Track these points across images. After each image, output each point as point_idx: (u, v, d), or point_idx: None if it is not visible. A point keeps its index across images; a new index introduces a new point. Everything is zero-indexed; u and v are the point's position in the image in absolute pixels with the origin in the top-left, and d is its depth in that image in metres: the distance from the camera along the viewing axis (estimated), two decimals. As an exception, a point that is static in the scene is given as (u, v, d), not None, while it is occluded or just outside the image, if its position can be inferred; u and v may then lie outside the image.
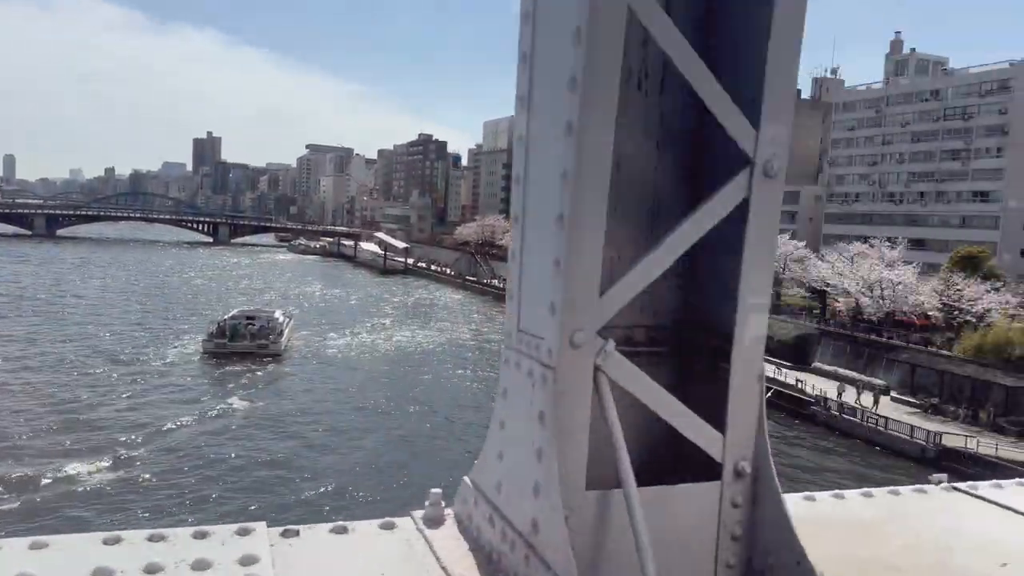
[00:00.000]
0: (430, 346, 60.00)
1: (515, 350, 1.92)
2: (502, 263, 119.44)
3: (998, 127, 77.54)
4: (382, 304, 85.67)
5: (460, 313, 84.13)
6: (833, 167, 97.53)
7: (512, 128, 2.37)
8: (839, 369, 51.42)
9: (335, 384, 45.63)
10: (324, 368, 50.20)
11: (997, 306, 46.85)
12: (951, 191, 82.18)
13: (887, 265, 58.31)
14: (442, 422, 38.90)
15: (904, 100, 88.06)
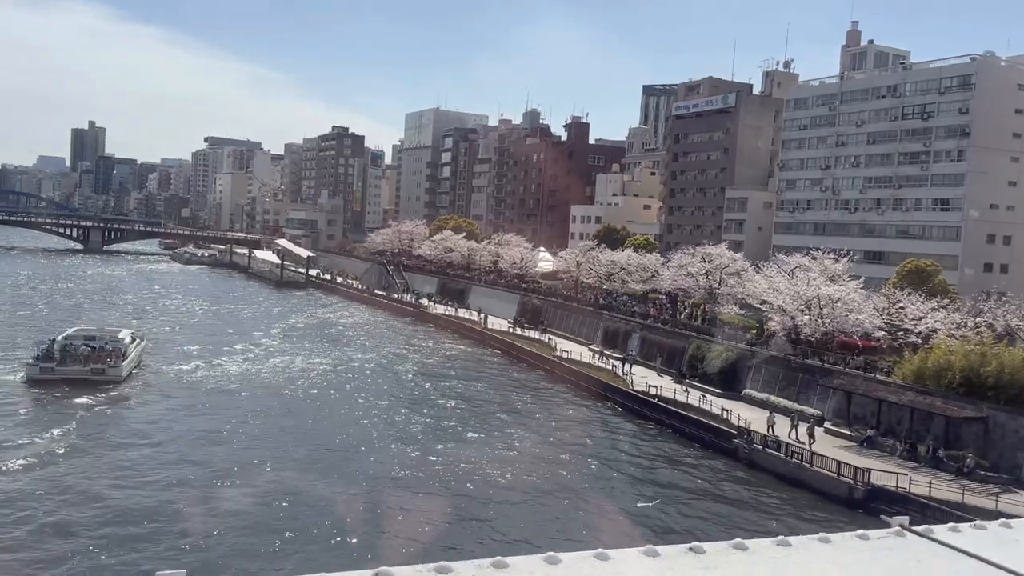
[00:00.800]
0: (314, 375, 58.03)
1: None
2: (419, 275, 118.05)
3: (959, 128, 79.53)
4: (270, 323, 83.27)
5: (362, 334, 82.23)
6: (784, 171, 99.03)
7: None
8: (771, 397, 51.39)
9: (182, 424, 43.16)
10: (174, 401, 47.82)
11: (943, 325, 47.37)
12: (910, 198, 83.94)
13: (830, 279, 58.82)
14: (325, 474, 37.00)
15: (859, 97, 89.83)
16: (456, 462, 39.45)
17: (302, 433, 43.23)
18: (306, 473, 36.30)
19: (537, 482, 37.57)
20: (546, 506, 34.92)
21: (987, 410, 39.38)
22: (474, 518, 32.84)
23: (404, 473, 37.45)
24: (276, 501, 32.24)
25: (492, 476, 37.78)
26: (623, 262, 79.17)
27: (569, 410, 54.28)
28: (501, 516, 33.30)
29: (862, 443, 43.19)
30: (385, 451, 41.00)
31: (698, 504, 36.81)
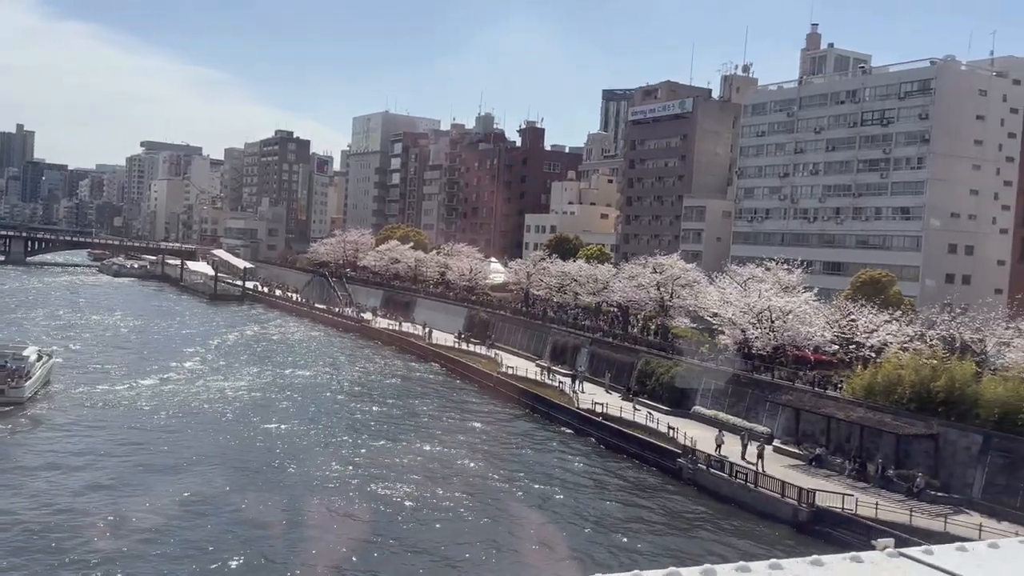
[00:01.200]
0: (237, 397, 56.91)
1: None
2: (363, 288, 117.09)
3: (919, 134, 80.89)
4: (198, 340, 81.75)
5: (297, 351, 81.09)
6: (742, 179, 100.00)
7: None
8: (720, 414, 51.51)
9: (92, 452, 42.04)
10: (78, 424, 46.55)
11: (895, 339, 47.84)
12: (869, 207, 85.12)
13: (784, 290, 59.28)
14: (244, 508, 36.14)
15: (818, 102, 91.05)
16: (382, 483, 38.85)
17: (214, 456, 42.31)
18: (216, 498, 35.50)
19: (466, 504, 37.08)
20: (472, 528, 34.45)
21: (937, 427, 39.76)
22: (397, 540, 32.29)
23: (325, 497, 36.76)
24: (180, 529, 31.45)
25: (419, 498, 37.24)
26: (574, 273, 79.13)
27: (511, 430, 53.92)
28: (422, 538, 32.78)
29: (811, 462, 43.37)
30: (306, 476, 40.26)
31: (637, 527, 36.60)
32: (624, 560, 33.01)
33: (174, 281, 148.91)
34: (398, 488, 38.62)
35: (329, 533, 32.84)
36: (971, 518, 35.77)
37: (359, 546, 31.59)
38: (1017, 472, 36.44)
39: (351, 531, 33.21)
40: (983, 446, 38.00)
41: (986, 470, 37.62)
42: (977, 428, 38.31)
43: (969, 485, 38.10)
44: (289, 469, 41.06)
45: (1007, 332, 44.85)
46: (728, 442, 45.51)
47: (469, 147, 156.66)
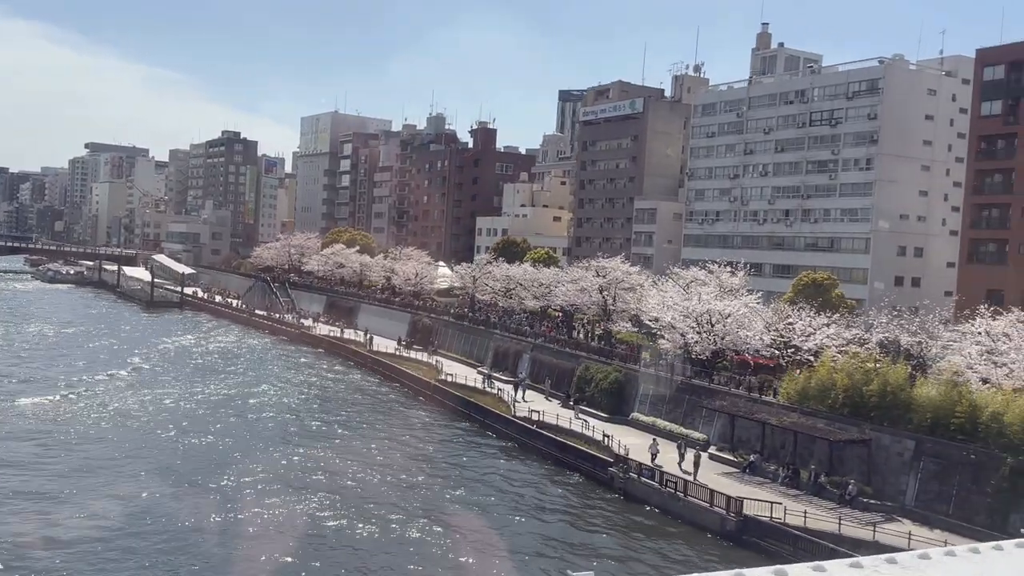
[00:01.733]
0: (154, 410, 55.43)
1: None
2: (307, 293, 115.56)
3: (867, 134, 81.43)
4: (127, 350, 79.82)
5: (229, 360, 79.49)
6: (692, 180, 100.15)
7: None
8: (657, 420, 51.15)
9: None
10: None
11: (833, 342, 47.73)
12: (818, 209, 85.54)
13: (726, 293, 59.13)
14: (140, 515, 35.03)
15: (767, 102, 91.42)
16: (304, 495, 37.89)
17: (119, 474, 41.08)
18: (117, 517, 34.37)
19: (388, 518, 36.21)
20: (392, 542, 33.62)
21: (870, 432, 39.62)
22: (323, 558, 31.38)
23: (244, 512, 35.73)
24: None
25: (342, 512, 36.33)
26: (518, 277, 78.51)
27: (442, 439, 53.11)
28: (347, 554, 31.93)
29: (744, 469, 43.08)
30: (225, 491, 39.16)
31: (559, 539, 35.95)
32: (546, 569, 32.46)
33: (111, 287, 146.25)
34: (320, 500, 37.69)
35: (253, 541, 32.16)
36: (902, 526, 35.58)
37: (283, 554, 30.95)
38: (949, 479, 36.35)
39: (275, 541, 32.53)
40: (915, 452, 37.91)
41: (919, 476, 37.51)
42: (910, 433, 38.20)
43: (902, 492, 37.97)
44: (211, 483, 39.92)
45: (945, 335, 44.90)
46: (665, 449, 45.16)
47: (419, 148, 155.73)
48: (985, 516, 34.58)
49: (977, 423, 35.66)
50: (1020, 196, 69.10)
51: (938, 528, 35.46)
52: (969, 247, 73.03)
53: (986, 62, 72.15)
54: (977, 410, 35.80)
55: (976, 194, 72.60)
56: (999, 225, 71.15)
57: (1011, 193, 69.83)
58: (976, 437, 35.70)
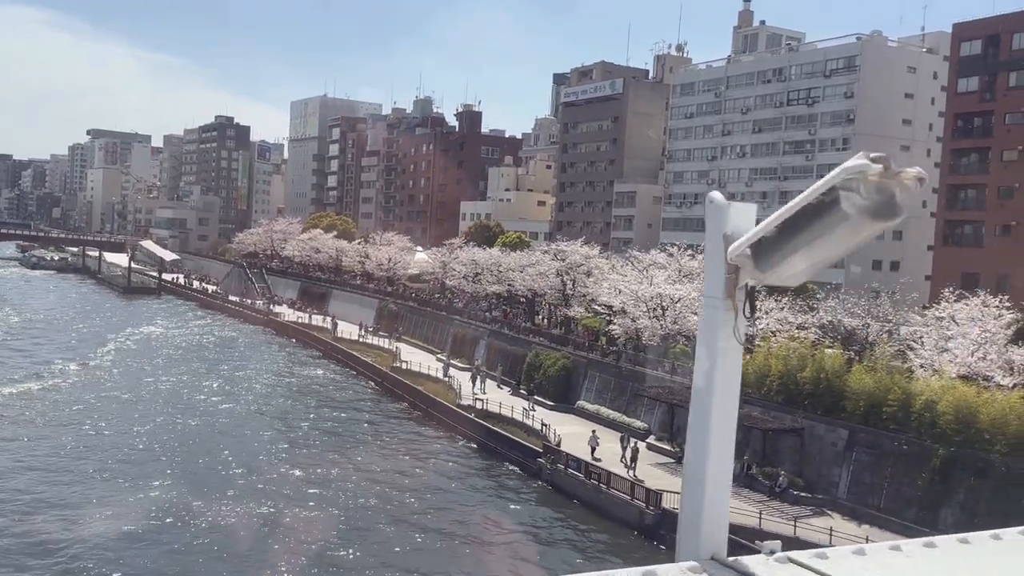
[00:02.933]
0: (92, 403, 54.12)
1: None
2: (281, 279, 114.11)
3: (844, 114, 79.27)
4: (88, 340, 77.86)
5: (192, 349, 77.89)
6: (671, 162, 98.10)
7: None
8: (602, 408, 49.50)
9: None
10: None
11: (783, 327, 45.85)
12: (795, 191, 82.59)
13: (684, 277, 57.38)
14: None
15: (745, 82, 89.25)
16: (226, 484, 36.43)
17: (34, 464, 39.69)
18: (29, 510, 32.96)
19: (281, 510, 34.70)
20: (297, 542, 32.11)
21: (803, 421, 37.85)
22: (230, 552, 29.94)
23: (156, 515, 34.28)
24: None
25: (248, 505, 34.84)
26: (483, 261, 76.72)
27: (386, 429, 51.53)
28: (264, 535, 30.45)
29: (679, 459, 41.32)
30: (147, 491, 37.75)
31: (475, 532, 34.38)
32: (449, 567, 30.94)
33: (93, 273, 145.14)
34: (237, 493, 36.23)
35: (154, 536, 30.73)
36: (829, 520, 33.87)
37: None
38: (882, 470, 34.58)
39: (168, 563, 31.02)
40: (848, 442, 36.13)
41: (851, 468, 35.75)
42: (844, 423, 36.41)
43: (835, 484, 36.21)
44: (101, 498, 38.53)
45: (903, 319, 43.05)
46: (611, 440, 43.50)
47: (406, 132, 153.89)
48: (915, 510, 32.82)
49: (910, 412, 33.85)
50: (997, 176, 66.98)
51: (867, 523, 33.73)
52: (945, 229, 70.92)
53: (963, 37, 69.83)
54: (911, 398, 33.98)
55: (952, 174, 70.40)
56: (975, 206, 69.03)
57: (987, 173, 67.71)
58: (909, 427, 33.90)
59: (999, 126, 66.74)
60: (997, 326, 40.53)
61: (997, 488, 30.45)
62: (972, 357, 37.20)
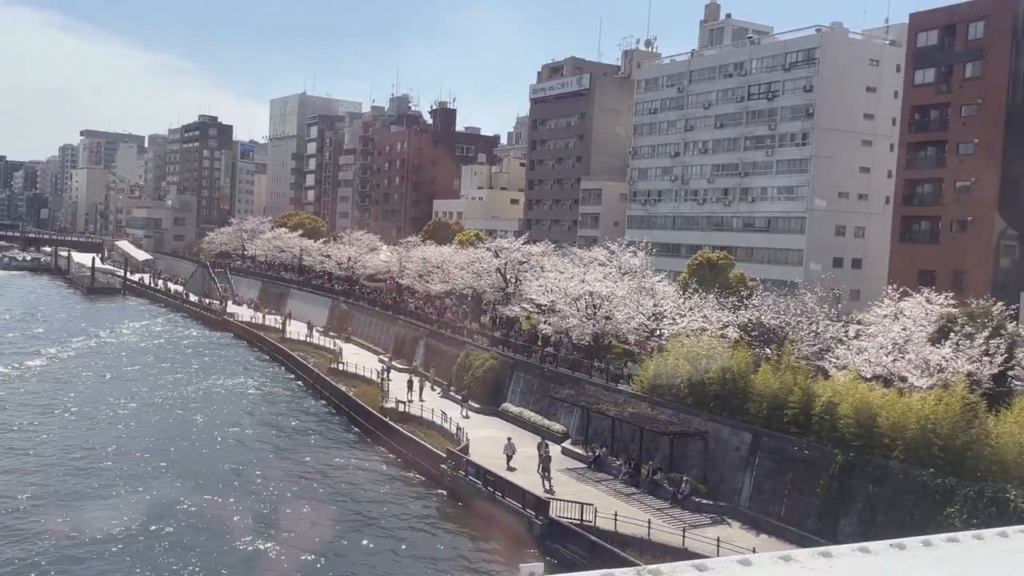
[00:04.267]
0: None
1: None
2: (245, 278, 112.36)
3: (803, 108, 77.36)
4: (31, 343, 75.91)
5: (135, 353, 76.00)
6: (635, 159, 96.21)
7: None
8: (524, 411, 47.67)
9: None
10: None
11: (712, 326, 43.89)
12: (755, 187, 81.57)
13: (624, 275, 55.67)
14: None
15: (707, 76, 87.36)
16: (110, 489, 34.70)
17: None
18: None
19: (196, 523, 32.92)
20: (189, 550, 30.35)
21: (707, 424, 35.96)
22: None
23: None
24: None
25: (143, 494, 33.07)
26: (434, 259, 74.91)
27: (301, 433, 49.72)
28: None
29: (590, 464, 39.55)
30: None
31: (361, 546, 32.57)
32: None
33: (64, 274, 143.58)
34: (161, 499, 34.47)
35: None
36: (726, 530, 32.01)
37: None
38: (783, 477, 32.68)
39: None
40: (752, 446, 34.23)
41: (754, 474, 33.85)
42: (748, 426, 34.51)
43: (738, 491, 34.30)
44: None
45: (817, 317, 41.16)
46: (529, 443, 41.58)
47: (381, 130, 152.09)
48: (815, 520, 30.93)
49: (811, 414, 31.98)
50: (952, 170, 65.02)
51: (767, 532, 31.87)
52: (901, 225, 68.94)
53: (919, 27, 67.93)
54: (812, 400, 32.10)
55: (909, 169, 68.49)
56: (932, 201, 67.06)
57: (944, 167, 65.76)
58: (810, 430, 32.03)
59: (955, 118, 64.79)
60: (920, 324, 38.73)
61: (894, 497, 28.57)
62: (887, 357, 35.29)
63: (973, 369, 34.21)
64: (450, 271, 67.39)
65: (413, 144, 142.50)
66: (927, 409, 28.43)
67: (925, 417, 28.36)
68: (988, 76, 63.09)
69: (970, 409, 28.19)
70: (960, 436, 27.44)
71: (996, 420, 27.73)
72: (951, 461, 27.54)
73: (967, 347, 35.33)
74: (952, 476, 27.22)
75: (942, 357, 34.35)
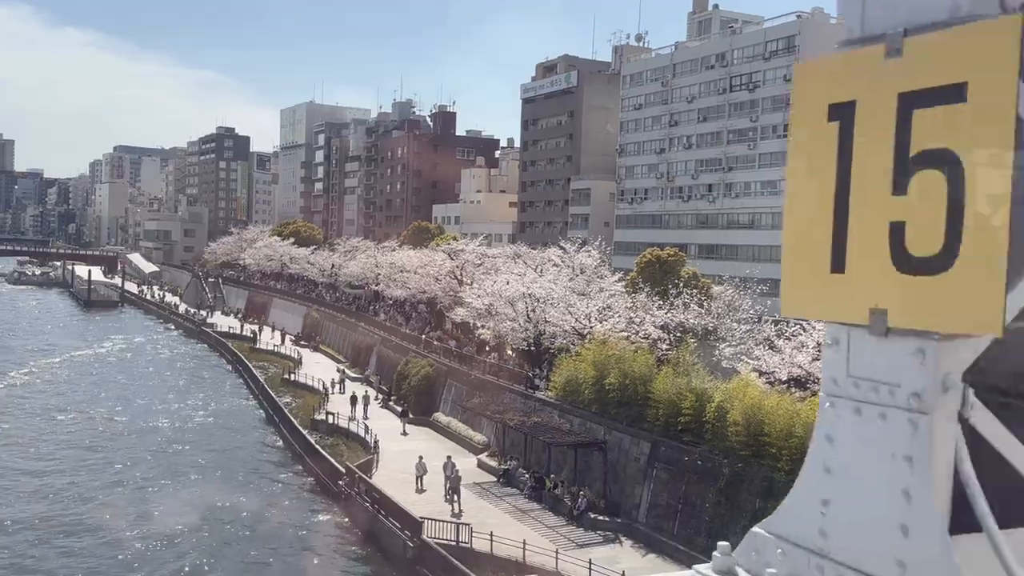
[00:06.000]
0: None
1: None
2: (235, 288, 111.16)
3: (784, 98, 74.01)
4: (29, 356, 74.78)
5: (108, 367, 74.75)
6: (622, 156, 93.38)
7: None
8: (453, 421, 45.29)
9: None
10: None
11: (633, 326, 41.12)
12: (739, 182, 78.42)
13: (579, 274, 53.22)
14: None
15: (690, 68, 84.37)
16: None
17: None
18: None
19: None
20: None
21: (606, 433, 33.29)
22: None
23: None
24: None
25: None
26: (401, 263, 72.71)
27: (226, 451, 47.76)
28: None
29: (499, 478, 37.03)
30: None
31: (242, 560, 30.46)
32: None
33: (69, 287, 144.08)
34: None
35: None
36: (612, 550, 29.40)
37: None
38: (677, 490, 29.93)
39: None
40: (650, 456, 31.51)
41: (651, 487, 31.12)
42: (648, 434, 31.79)
43: (636, 505, 31.58)
44: None
45: (742, 316, 38.32)
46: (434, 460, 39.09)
47: (383, 136, 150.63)
48: (704, 537, 28.15)
49: (704, 421, 29.22)
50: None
51: (656, 551, 29.17)
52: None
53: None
54: (705, 406, 29.34)
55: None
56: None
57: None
58: (704, 438, 29.27)
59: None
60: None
61: (777, 512, 25.69)
62: (805, 356, 32.44)
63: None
64: (407, 276, 65.13)
65: (413, 148, 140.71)
66: (812, 415, 25.50)
67: (812, 423, 25.43)
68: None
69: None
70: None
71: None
72: (834, 473, 24.64)
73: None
74: (834, 490, 24.33)
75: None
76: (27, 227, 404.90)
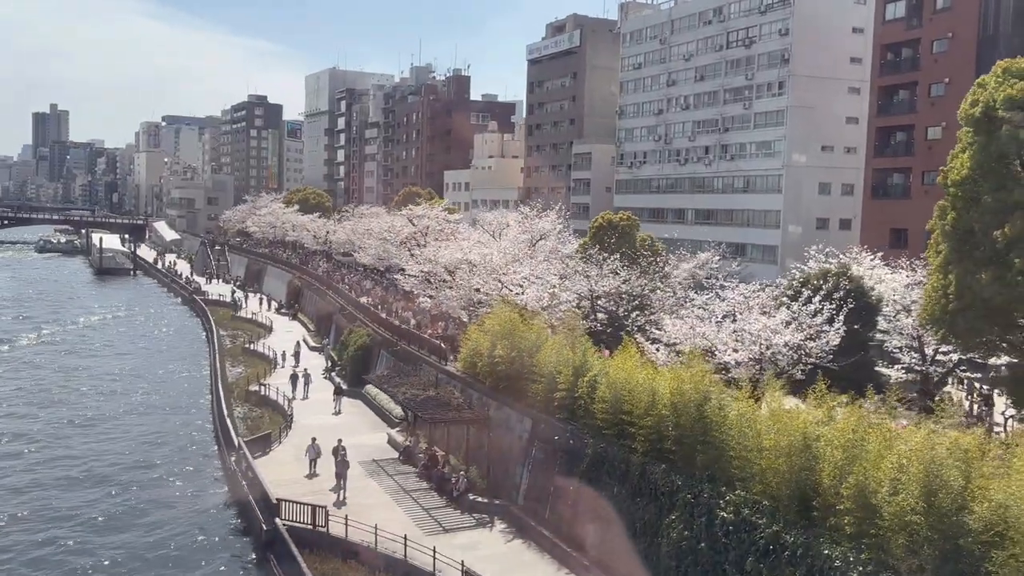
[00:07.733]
0: None
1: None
2: (238, 255, 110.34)
3: (780, 53, 70.08)
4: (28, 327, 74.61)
5: (93, 332, 74.17)
6: (622, 119, 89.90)
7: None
8: (380, 393, 43.16)
9: None
10: None
11: (566, 294, 38.52)
12: (734, 143, 74.68)
13: (541, 240, 50.76)
14: None
15: (687, 25, 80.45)
16: None
17: None
18: None
19: None
20: None
21: (493, 410, 30.88)
22: None
23: None
24: None
25: None
26: (378, 230, 70.66)
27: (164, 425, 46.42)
28: None
29: (400, 455, 34.86)
30: None
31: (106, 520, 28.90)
32: None
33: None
34: None
35: None
36: (479, 535, 27.16)
37: None
38: (550, 470, 27.46)
39: None
40: (531, 434, 29.06)
41: (530, 466, 28.70)
42: (531, 411, 29.30)
43: (516, 486, 29.21)
44: None
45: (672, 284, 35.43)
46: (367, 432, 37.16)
47: (400, 102, 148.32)
48: (567, 525, 25.69)
49: (576, 396, 26.68)
50: (924, 115, 57.37)
51: (524, 538, 26.80)
52: (874, 179, 61.55)
53: (890, -45, 60.08)
54: (578, 379, 26.74)
55: (880, 115, 60.99)
56: (905, 151, 59.53)
57: (915, 112, 58.12)
58: (577, 415, 26.74)
59: (926, 56, 57.12)
60: (774, 288, 32.91)
61: (630, 500, 23.15)
62: (711, 326, 29.61)
63: (802, 341, 28.41)
64: (370, 243, 63.08)
65: (426, 114, 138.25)
66: (670, 391, 22.85)
67: (670, 401, 22.79)
68: (958, 6, 55.14)
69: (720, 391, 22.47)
70: (695, 426, 21.83)
71: (746, 405, 21.82)
72: (684, 456, 22.04)
73: (806, 314, 29.57)
74: (680, 475, 21.73)
75: (764, 327, 28.62)
76: (76, 196, 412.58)
